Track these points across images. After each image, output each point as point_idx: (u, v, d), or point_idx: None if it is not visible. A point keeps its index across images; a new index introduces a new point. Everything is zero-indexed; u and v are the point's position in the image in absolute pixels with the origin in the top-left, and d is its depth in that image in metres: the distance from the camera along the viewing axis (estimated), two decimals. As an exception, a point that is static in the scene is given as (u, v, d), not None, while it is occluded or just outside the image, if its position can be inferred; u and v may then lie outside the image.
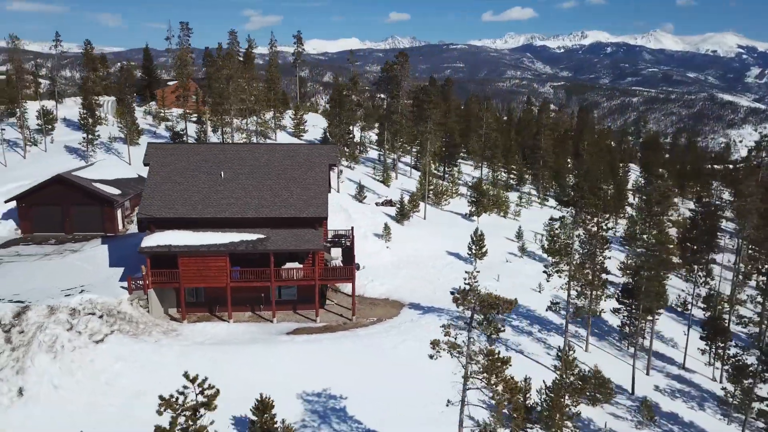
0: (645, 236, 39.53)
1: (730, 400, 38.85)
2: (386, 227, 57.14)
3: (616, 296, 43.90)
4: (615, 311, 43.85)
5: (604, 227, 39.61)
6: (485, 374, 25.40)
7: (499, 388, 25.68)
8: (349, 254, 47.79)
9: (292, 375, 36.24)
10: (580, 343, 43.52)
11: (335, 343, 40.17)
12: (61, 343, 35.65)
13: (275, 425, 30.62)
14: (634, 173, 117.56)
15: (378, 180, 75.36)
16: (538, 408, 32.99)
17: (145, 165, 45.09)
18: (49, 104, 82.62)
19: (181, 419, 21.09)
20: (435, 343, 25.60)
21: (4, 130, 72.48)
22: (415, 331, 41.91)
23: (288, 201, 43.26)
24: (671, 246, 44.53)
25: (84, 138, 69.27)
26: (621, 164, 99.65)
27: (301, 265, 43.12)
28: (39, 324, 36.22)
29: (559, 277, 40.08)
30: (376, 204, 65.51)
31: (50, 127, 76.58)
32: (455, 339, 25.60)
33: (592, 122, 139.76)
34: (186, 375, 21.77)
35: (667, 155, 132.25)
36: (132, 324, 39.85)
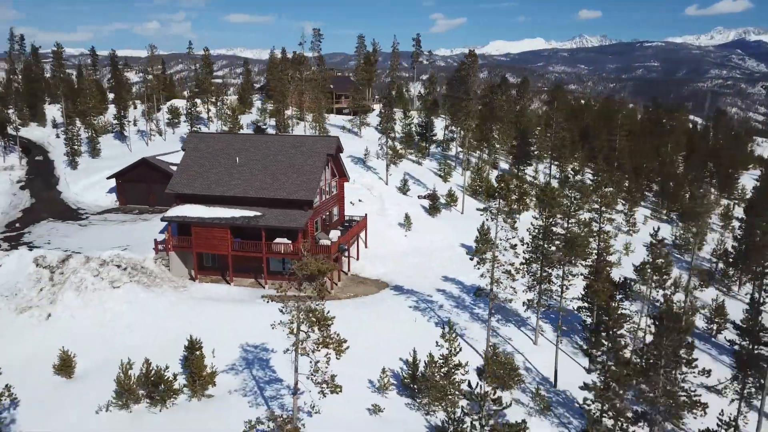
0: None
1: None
2: (407, 217, 60.89)
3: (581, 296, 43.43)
4: (579, 309, 43.45)
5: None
6: (314, 327, 29.40)
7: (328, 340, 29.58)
8: (343, 237, 52.80)
9: (246, 329, 42.62)
10: (538, 335, 43.95)
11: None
12: (86, 285, 45.94)
13: (203, 361, 37.56)
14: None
15: (439, 175, 78.51)
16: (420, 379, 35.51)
17: (182, 150, 54.56)
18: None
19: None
20: (269, 298, 30.02)
21: (137, 122, 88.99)
22: (374, 307, 46.10)
23: (284, 185, 49.64)
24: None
25: (189, 129, 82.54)
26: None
27: (289, 241, 49.26)
28: (74, 269, 46.96)
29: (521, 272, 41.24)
30: (419, 197, 69.10)
31: (177, 121, 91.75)
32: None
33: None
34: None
35: None
36: (150, 278, 49.27)
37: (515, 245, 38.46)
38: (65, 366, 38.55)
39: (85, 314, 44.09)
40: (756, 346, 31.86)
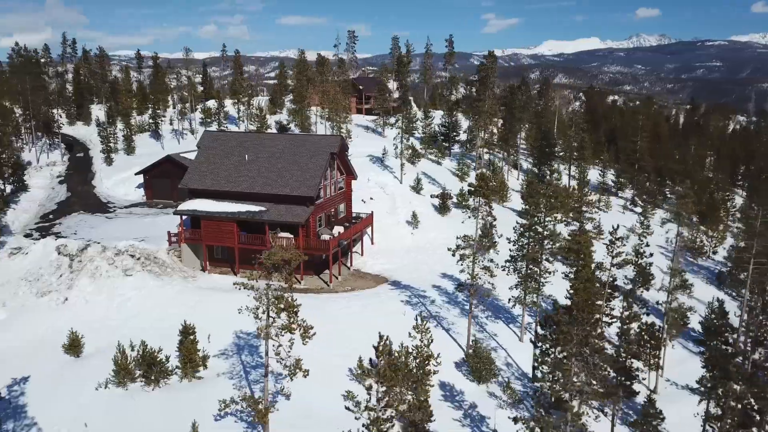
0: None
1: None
2: (414, 216, 62.20)
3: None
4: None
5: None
6: (284, 313, 31.24)
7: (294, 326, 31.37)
8: (344, 233, 54.54)
9: (242, 317, 44.77)
10: (524, 332, 44.50)
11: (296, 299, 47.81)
12: (101, 272, 49.27)
13: (196, 346, 40.02)
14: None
15: (457, 175, 79.27)
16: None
17: (197, 147, 57.51)
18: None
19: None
20: (240, 285, 31.98)
21: (173, 121, 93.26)
22: (367, 300, 47.66)
23: (288, 181, 51.79)
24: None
25: (217, 128, 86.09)
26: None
27: (291, 235, 51.32)
28: (91, 257, 50.39)
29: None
30: (431, 196, 70.17)
31: (209, 120, 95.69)
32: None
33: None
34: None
35: None
36: (162, 268, 52.29)
37: (495, 243, 39.29)
38: (73, 346, 41.70)
39: (97, 299, 47.35)
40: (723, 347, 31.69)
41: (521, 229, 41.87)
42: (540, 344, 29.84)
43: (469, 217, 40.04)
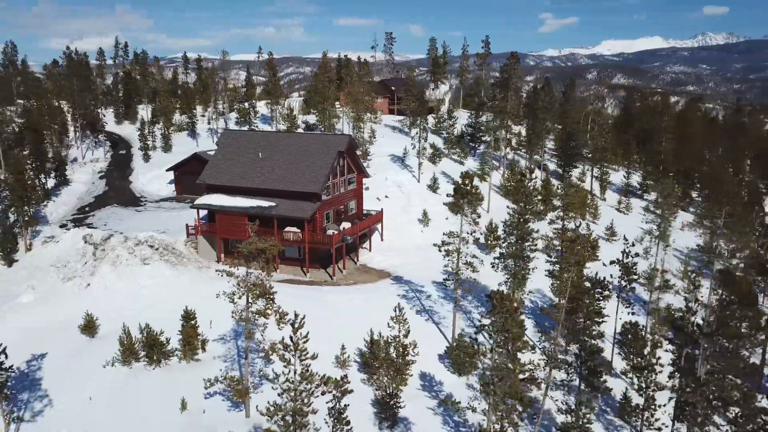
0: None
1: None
2: (425, 214, 63.52)
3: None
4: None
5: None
6: (257, 299, 33.46)
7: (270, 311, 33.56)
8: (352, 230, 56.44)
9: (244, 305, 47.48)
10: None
11: (299, 290, 50.25)
12: (121, 260, 52.88)
13: (196, 331, 42.79)
14: None
15: (477, 174, 79.84)
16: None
17: (216, 145, 60.57)
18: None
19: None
20: (222, 272, 34.30)
21: (210, 121, 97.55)
22: (366, 293, 49.50)
23: (296, 178, 54.13)
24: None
25: (248, 128, 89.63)
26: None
27: (298, 230, 53.70)
28: (113, 246, 54.14)
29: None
30: (447, 195, 71.11)
31: (244, 119, 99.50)
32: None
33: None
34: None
35: None
36: (178, 258, 55.56)
37: (478, 238, 40.35)
38: (89, 327, 45.21)
39: (116, 285, 50.91)
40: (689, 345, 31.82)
41: (508, 228, 42.74)
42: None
43: (455, 213, 41.13)
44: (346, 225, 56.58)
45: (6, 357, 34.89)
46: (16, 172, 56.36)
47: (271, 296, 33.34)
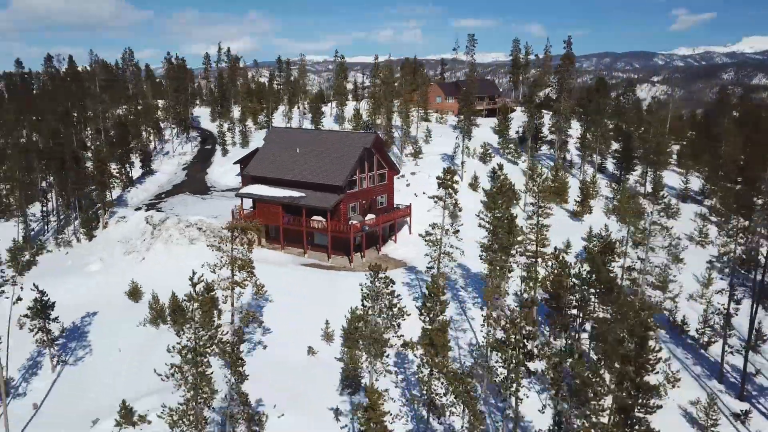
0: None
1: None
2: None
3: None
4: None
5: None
6: (239, 271, 38.75)
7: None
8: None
9: (266, 282, 53.36)
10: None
11: (316, 273, 55.31)
12: (172, 239, 60.73)
13: (215, 300, 49.02)
14: None
15: (526, 174, 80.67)
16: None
17: (263, 141, 67.08)
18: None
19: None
20: (212, 246, 39.84)
21: (290, 119, 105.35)
22: (372, 279, 53.25)
23: (323, 171, 59.17)
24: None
25: (314, 127, 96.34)
26: None
27: (323, 219, 58.72)
28: (167, 227, 62.19)
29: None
30: (484, 191, 72.99)
31: (318, 118, 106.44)
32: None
33: None
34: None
35: None
36: (223, 240, 62.46)
37: (457, 231, 43.19)
38: (133, 294, 53.06)
39: (165, 260, 58.74)
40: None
41: (487, 222, 44.99)
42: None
43: (439, 207, 44.09)
44: (370, 217, 60.78)
45: (52, 310, 43.09)
46: (98, 163, 66.14)
47: (251, 269, 38.42)
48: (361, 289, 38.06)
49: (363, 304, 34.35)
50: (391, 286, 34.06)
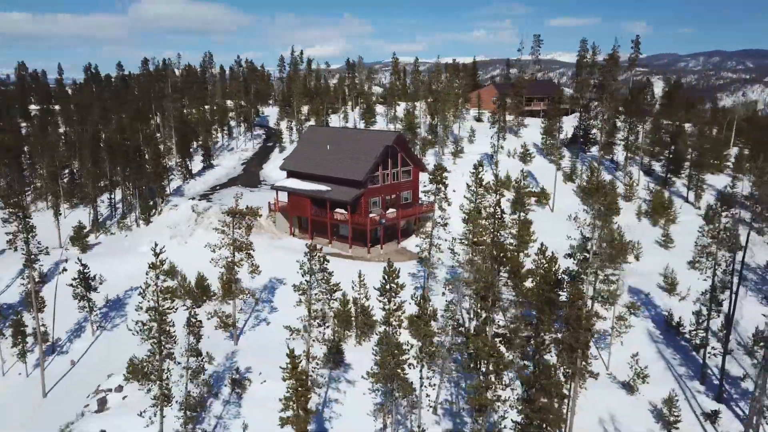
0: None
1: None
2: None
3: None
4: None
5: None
6: (237, 252, 43.39)
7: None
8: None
9: (284, 268, 58.01)
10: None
11: (333, 262, 58.96)
12: (213, 226, 66.69)
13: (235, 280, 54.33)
14: None
15: (566, 174, 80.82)
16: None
17: (299, 138, 71.92)
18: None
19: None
20: (216, 228, 44.59)
21: (347, 118, 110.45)
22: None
23: (346, 167, 63.05)
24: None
25: (364, 126, 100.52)
26: None
27: (344, 211, 62.63)
28: (209, 215, 68.42)
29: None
30: (513, 189, 74.04)
31: (372, 119, 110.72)
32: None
33: None
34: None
35: None
36: (259, 228, 67.96)
37: (446, 224, 45.77)
38: (170, 272, 59.23)
39: (203, 244, 64.76)
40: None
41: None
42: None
43: (432, 201, 46.62)
44: (391, 211, 64.04)
45: (93, 281, 49.66)
46: (155, 157, 73.66)
47: (249, 251, 42.99)
48: (300, 266, 41.19)
49: (304, 280, 38.18)
50: (325, 263, 37.62)
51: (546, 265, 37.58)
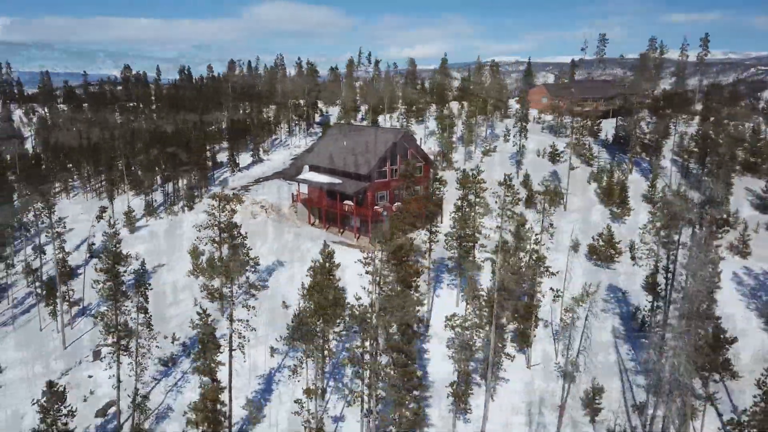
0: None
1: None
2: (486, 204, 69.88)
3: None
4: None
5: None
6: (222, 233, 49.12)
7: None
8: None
9: (290, 252, 63.48)
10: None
11: (340, 249, 63.98)
12: (243, 214, 73.57)
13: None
14: None
15: (591, 175, 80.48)
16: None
17: (322, 134, 77.09)
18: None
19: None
20: (206, 212, 50.50)
21: (399, 118, 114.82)
22: (374, 256, 60.50)
23: (356, 162, 67.44)
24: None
25: (405, 125, 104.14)
26: None
27: (352, 203, 66.99)
28: (245, 205, 75.14)
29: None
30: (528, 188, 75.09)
31: (421, 119, 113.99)
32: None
33: None
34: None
35: None
36: (281, 217, 74.07)
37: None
38: (193, 253, 66.46)
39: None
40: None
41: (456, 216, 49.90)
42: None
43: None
44: (397, 205, 67.57)
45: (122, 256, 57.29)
46: (198, 151, 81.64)
47: (232, 233, 48.49)
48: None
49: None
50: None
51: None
